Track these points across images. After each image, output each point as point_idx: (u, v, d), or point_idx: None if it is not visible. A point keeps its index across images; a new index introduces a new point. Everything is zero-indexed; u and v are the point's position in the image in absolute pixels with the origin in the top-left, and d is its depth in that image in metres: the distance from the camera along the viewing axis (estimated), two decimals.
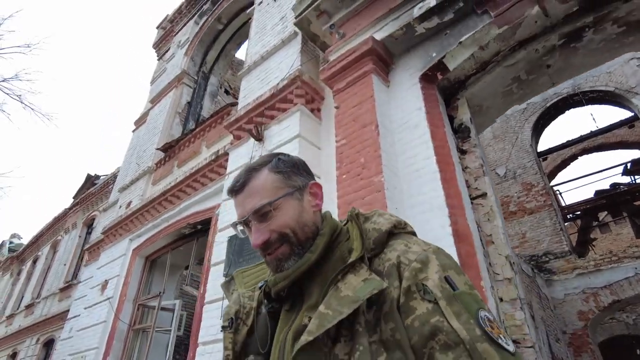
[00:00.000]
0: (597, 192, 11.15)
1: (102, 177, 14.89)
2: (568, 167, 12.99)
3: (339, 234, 0.85)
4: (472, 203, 3.22)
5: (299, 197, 0.85)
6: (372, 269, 0.75)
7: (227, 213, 4.46)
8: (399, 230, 0.82)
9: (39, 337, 12.05)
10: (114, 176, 12.83)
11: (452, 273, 0.70)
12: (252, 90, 5.24)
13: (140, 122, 9.74)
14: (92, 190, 13.85)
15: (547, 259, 8.93)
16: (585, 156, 12.60)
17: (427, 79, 3.63)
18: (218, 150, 5.49)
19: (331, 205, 3.51)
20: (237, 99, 10.13)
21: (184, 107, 8.46)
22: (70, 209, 15.03)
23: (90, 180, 14.84)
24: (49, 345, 11.53)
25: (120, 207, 7.56)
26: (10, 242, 19.41)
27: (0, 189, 16.83)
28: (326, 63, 4.18)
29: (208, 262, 4.58)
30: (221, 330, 0.85)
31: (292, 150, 4.01)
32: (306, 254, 0.81)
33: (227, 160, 5.26)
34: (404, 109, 3.59)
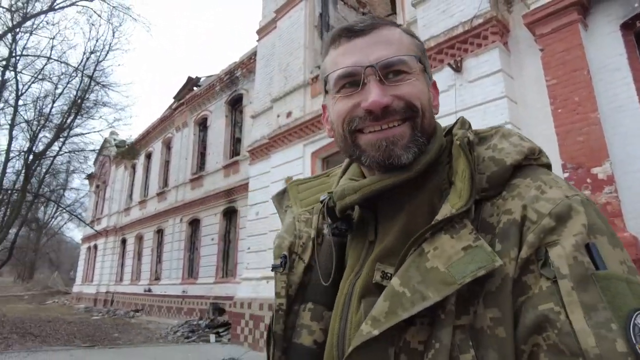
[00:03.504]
0: None
1: (202, 79, 16.24)
2: None
3: (442, 154, 0.59)
4: None
5: (428, 83, 0.62)
6: (480, 219, 0.51)
7: None
8: (530, 161, 0.54)
9: (182, 217, 14.92)
10: (219, 79, 14.15)
11: (601, 241, 0.43)
12: (431, 21, 6.14)
13: (264, 31, 10.65)
14: (198, 92, 15.34)
15: None
16: None
17: (627, 26, 4.56)
18: None
19: (540, 127, 4.84)
20: (347, 4, 10.65)
21: (318, 19, 9.25)
22: (175, 108, 16.78)
23: (192, 82, 16.23)
24: (194, 224, 14.37)
25: (279, 116, 9.07)
26: (114, 139, 21.91)
27: (127, 97, 19.06)
28: (527, 8, 5.06)
29: None
30: (272, 270, 0.64)
31: (496, 82, 5.20)
32: (423, 155, 0.56)
33: None
34: (603, 52, 4.62)
